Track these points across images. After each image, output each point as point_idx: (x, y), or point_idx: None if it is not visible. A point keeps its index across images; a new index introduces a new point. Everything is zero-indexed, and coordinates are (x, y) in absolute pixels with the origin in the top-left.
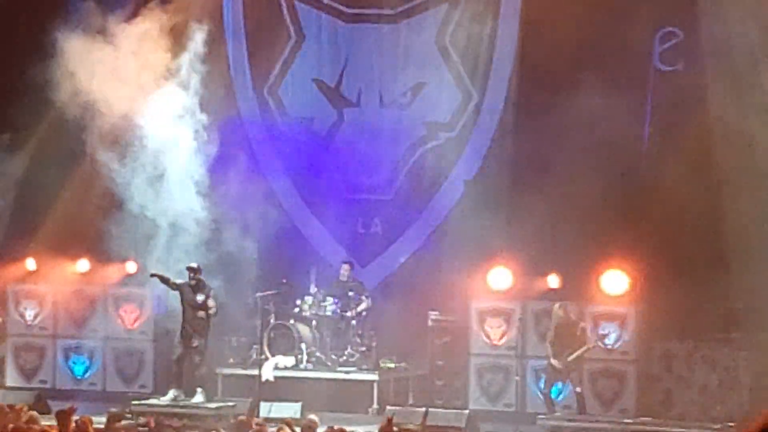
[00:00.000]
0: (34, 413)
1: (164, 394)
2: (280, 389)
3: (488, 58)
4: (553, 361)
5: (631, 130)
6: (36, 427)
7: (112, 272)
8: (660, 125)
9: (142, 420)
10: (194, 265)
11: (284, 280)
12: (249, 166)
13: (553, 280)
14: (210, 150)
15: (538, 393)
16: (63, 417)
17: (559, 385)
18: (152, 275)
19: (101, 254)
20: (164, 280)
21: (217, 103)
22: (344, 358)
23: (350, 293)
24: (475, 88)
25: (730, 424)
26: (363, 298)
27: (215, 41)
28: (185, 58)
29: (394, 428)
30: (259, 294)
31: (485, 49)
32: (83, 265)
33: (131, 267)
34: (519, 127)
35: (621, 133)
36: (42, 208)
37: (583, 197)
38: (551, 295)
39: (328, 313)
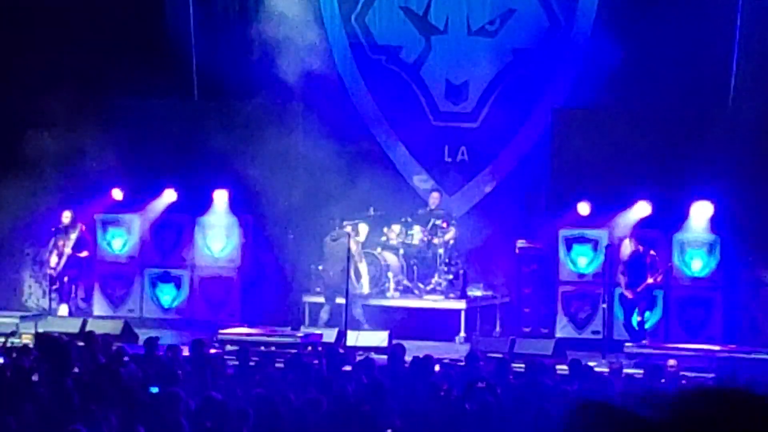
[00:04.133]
0: None
1: (251, 323)
2: (367, 317)
3: None
4: (625, 292)
5: (720, 53)
6: None
7: (199, 202)
8: (748, 48)
9: (229, 348)
10: None
11: (371, 209)
12: (337, 94)
13: (641, 209)
14: (299, 79)
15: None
16: (151, 345)
17: (636, 315)
18: None
19: (188, 184)
20: None
21: (306, 32)
22: (431, 286)
23: (437, 221)
24: (563, 15)
25: None
26: (450, 226)
27: None
28: None
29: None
30: (346, 222)
31: None
32: (170, 195)
33: (219, 196)
34: (606, 53)
35: (709, 57)
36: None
37: (670, 124)
38: (639, 223)
39: (416, 242)
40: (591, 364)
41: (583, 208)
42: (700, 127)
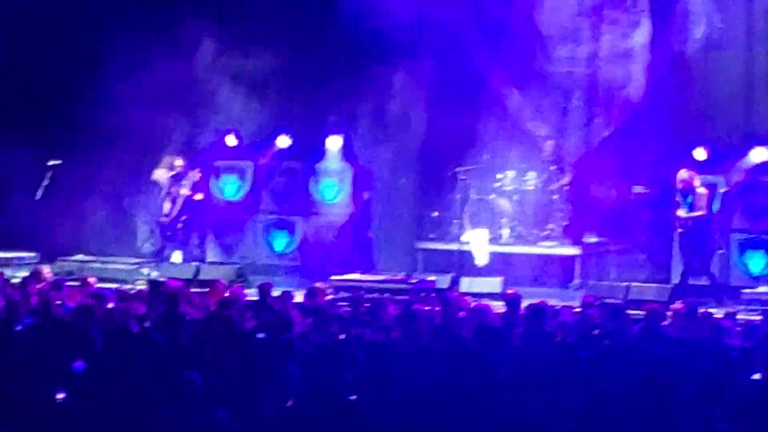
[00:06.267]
0: None
1: (364, 269)
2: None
3: None
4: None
5: None
6: None
7: (313, 148)
8: None
9: (342, 294)
10: None
11: (485, 155)
12: (452, 39)
13: (758, 154)
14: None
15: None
16: (264, 291)
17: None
18: None
19: (302, 130)
20: None
21: None
22: (546, 232)
23: (552, 167)
24: None
25: None
26: (565, 172)
27: None
28: None
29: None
30: (460, 168)
31: None
32: (284, 140)
33: (333, 142)
34: None
35: None
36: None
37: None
38: (755, 168)
39: (530, 188)
40: (710, 310)
41: (700, 154)
42: None
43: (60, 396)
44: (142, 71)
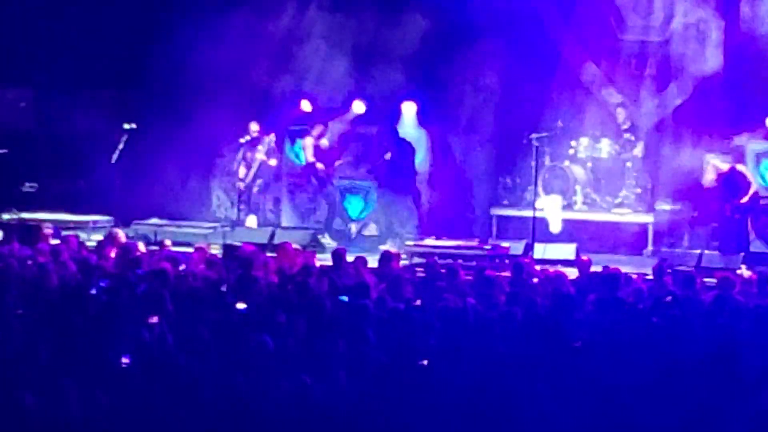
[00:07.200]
0: None
1: (439, 235)
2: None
3: None
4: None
5: None
6: None
7: (387, 113)
8: None
9: (416, 260)
10: None
11: (559, 122)
12: (525, 9)
13: None
14: None
15: None
16: (339, 256)
17: None
18: None
19: (376, 96)
20: None
21: None
22: (619, 200)
23: (626, 135)
24: None
25: None
26: (638, 140)
27: None
28: None
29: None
30: (534, 135)
31: None
32: (359, 106)
33: (408, 108)
34: None
35: None
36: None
37: None
38: None
39: (604, 155)
40: None
41: None
42: None
43: (125, 360)
44: (217, 35)
